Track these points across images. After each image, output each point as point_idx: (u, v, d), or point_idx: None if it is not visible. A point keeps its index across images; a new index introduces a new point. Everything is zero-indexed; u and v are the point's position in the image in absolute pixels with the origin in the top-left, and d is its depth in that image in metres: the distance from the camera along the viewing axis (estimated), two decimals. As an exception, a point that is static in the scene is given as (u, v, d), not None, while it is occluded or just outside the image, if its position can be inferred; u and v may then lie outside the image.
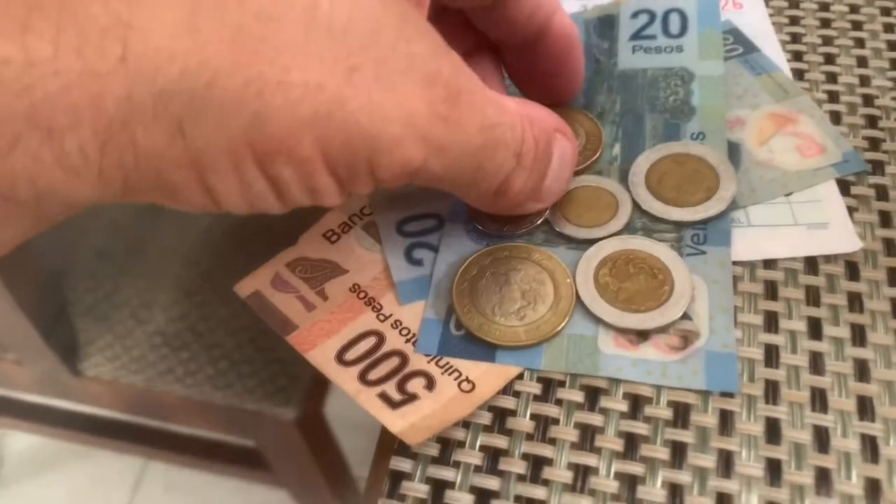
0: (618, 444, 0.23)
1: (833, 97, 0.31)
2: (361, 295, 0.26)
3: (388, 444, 0.23)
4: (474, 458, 0.23)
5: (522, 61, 0.27)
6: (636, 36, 0.32)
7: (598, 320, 0.24)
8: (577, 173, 0.27)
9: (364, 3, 0.18)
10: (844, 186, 0.28)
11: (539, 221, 0.26)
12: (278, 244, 0.27)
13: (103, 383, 0.69)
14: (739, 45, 0.33)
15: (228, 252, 0.69)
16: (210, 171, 0.17)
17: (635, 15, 0.33)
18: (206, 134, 0.16)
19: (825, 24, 0.34)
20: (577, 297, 0.24)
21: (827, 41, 0.33)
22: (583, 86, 0.29)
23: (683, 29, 0.32)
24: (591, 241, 0.26)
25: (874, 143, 0.29)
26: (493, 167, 0.21)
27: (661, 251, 0.25)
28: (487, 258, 0.25)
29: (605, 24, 0.33)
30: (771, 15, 0.35)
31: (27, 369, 0.69)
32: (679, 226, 0.26)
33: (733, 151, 0.29)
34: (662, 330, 0.24)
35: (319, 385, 0.67)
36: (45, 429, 0.82)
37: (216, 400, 0.67)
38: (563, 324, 0.24)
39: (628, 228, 0.26)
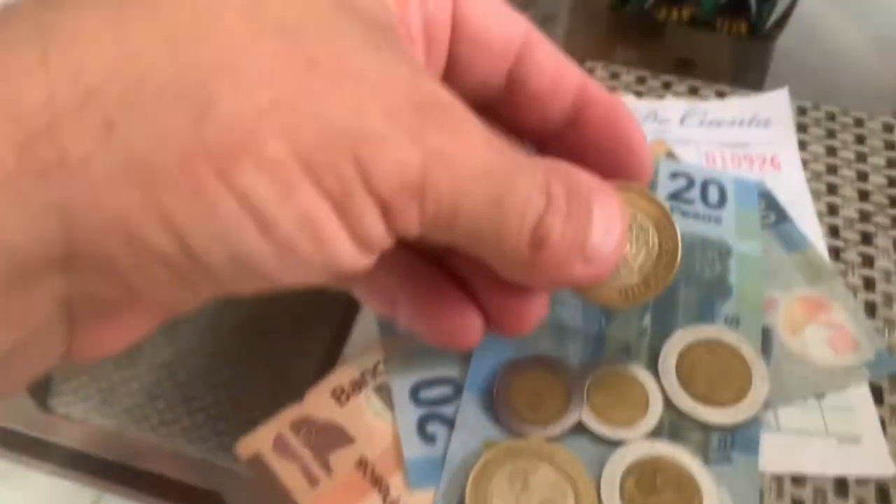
0: None
1: (869, 284, 0.30)
2: (368, 472, 0.24)
3: None
4: None
5: (571, 150, 0.22)
6: (674, 196, 0.31)
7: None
8: (639, 289, 0.21)
9: (319, 6, 0.16)
10: (877, 392, 0.27)
11: (571, 424, 0.25)
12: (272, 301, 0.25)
13: (73, 421, 0.67)
14: (773, 213, 0.32)
15: (219, 303, 0.67)
16: (163, 188, 0.14)
17: (674, 176, 0.32)
18: (147, 135, 0.14)
19: (863, 196, 0.33)
20: (601, 509, 0.23)
21: (864, 217, 0.33)
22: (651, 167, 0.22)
23: (722, 201, 0.31)
24: (618, 441, 0.25)
25: (909, 342, 0.29)
26: (519, 200, 0.17)
27: (689, 461, 0.24)
28: (506, 455, 0.24)
29: (642, 177, 0.32)
30: (809, 180, 0.34)
31: (-6, 402, 0.67)
32: (707, 427, 0.25)
33: (765, 338, 0.28)
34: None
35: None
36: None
37: (188, 452, 0.65)
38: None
39: (656, 425, 0.25)
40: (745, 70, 0.40)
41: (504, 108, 0.21)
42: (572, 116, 0.21)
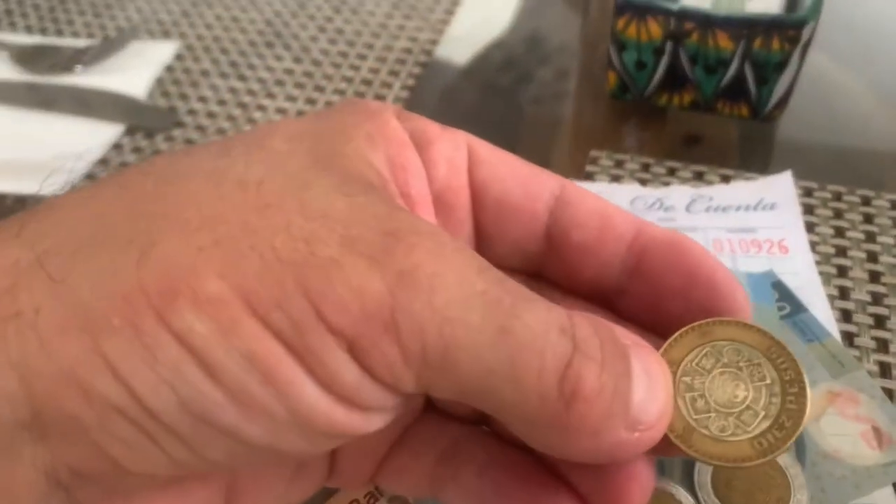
0: None
1: (885, 370, 0.31)
2: None
3: None
4: None
5: (646, 302, 0.20)
6: (692, 295, 0.31)
7: None
8: (773, 436, 0.18)
9: (288, 165, 0.16)
10: (905, 489, 0.27)
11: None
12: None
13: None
14: (786, 304, 0.32)
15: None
16: (105, 334, 0.13)
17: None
18: (91, 283, 0.14)
19: (874, 277, 0.34)
20: None
21: (877, 299, 0.33)
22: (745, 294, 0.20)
23: (741, 298, 0.31)
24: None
25: (931, 432, 0.29)
26: (531, 334, 0.15)
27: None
28: None
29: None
30: (818, 262, 0.35)
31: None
32: (749, 544, 0.25)
33: (798, 441, 0.28)
34: None
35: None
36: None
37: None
38: None
39: (696, 546, 0.25)
40: (752, 144, 0.41)
41: (553, 271, 0.20)
42: (632, 264, 0.19)
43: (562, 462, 0.18)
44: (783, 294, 0.33)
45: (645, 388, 0.16)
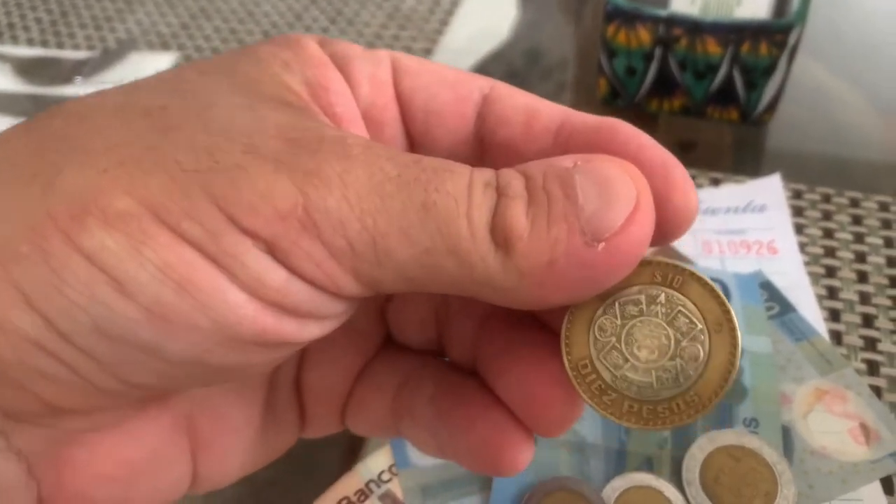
0: None
1: (873, 368, 0.31)
2: None
3: None
4: None
5: None
6: (681, 296, 0.32)
7: None
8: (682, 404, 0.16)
9: (195, 92, 0.15)
10: (887, 483, 0.28)
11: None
12: None
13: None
14: (776, 304, 0.33)
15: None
16: (14, 263, 0.13)
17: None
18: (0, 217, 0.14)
19: (862, 277, 0.34)
20: None
21: (865, 298, 0.34)
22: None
23: (727, 297, 0.32)
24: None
25: (919, 429, 0.29)
26: (452, 201, 0.14)
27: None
28: None
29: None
30: (807, 263, 0.35)
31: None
32: (736, 538, 0.26)
33: (786, 437, 0.28)
34: None
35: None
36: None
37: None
38: None
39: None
40: (745, 148, 0.41)
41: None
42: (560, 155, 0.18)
43: (497, 378, 0.18)
44: (772, 294, 0.33)
45: (597, 196, 0.14)
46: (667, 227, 0.16)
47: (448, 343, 0.20)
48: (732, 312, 0.17)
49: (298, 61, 0.17)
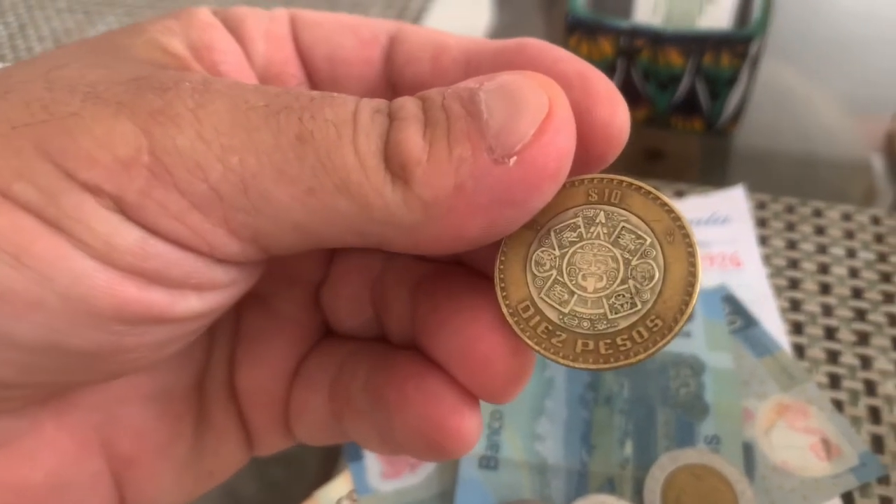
0: None
1: (835, 381, 0.31)
2: None
3: None
4: None
5: None
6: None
7: None
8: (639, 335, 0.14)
9: (58, 57, 0.14)
10: (848, 499, 0.28)
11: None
12: None
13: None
14: (738, 317, 0.33)
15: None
16: None
17: (643, 291, 0.32)
18: None
19: (825, 289, 0.34)
20: None
21: (827, 311, 0.34)
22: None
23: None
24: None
25: (877, 443, 0.29)
26: (333, 130, 0.12)
27: None
28: None
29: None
30: (770, 275, 0.35)
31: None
32: (697, 559, 0.26)
33: (747, 454, 0.28)
34: None
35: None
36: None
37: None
38: None
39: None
40: (714, 157, 0.41)
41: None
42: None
43: (430, 341, 0.16)
44: (734, 308, 0.33)
45: (503, 109, 0.13)
46: (593, 147, 0.14)
47: (387, 320, 0.18)
48: (683, 218, 0.14)
49: (182, 26, 0.15)
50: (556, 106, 0.13)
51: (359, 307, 0.18)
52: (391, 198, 0.12)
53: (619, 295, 0.14)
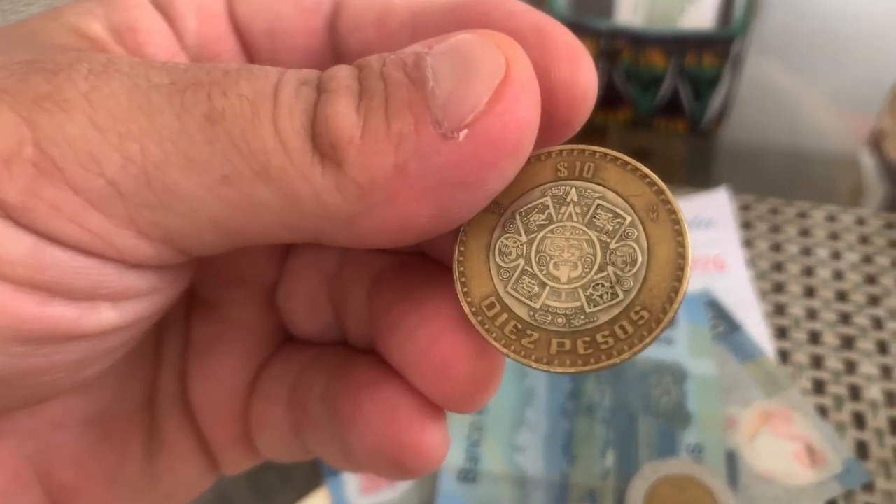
0: None
1: (819, 386, 0.31)
2: None
3: None
4: None
5: None
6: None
7: None
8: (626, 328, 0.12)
9: None
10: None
11: None
12: None
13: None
14: (722, 322, 0.32)
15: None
16: None
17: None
18: None
19: (809, 293, 0.34)
20: None
21: (811, 314, 0.33)
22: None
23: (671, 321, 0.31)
24: None
25: (862, 449, 0.29)
26: (248, 106, 0.11)
27: None
28: None
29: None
30: (755, 278, 0.35)
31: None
32: (679, 572, 0.25)
33: (731, 463, 0.28)
34: None
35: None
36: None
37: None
38: None
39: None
40: (701, 158, 0.41)
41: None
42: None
43: (387, 342, 0.14)
44: (717, 313, 0.33)
45: (452, 74, 0.11)
46: (556, 113, 0.12)
47: (346, 322, 0.16)
48: (667, 191, 0.12)
49: (105, 7, 0.14)
50: (515, 68, 0.11)
51: (317, 308, 0.16)
52: (321, 184, 0.11)
53: (597, 284, 0.12)
